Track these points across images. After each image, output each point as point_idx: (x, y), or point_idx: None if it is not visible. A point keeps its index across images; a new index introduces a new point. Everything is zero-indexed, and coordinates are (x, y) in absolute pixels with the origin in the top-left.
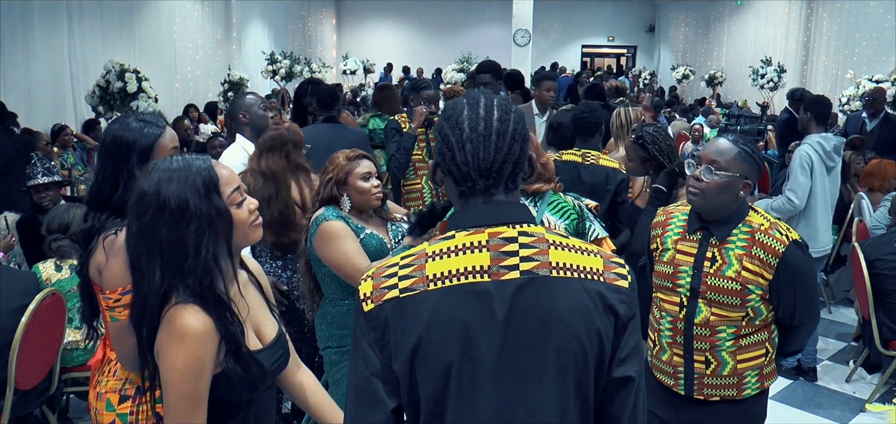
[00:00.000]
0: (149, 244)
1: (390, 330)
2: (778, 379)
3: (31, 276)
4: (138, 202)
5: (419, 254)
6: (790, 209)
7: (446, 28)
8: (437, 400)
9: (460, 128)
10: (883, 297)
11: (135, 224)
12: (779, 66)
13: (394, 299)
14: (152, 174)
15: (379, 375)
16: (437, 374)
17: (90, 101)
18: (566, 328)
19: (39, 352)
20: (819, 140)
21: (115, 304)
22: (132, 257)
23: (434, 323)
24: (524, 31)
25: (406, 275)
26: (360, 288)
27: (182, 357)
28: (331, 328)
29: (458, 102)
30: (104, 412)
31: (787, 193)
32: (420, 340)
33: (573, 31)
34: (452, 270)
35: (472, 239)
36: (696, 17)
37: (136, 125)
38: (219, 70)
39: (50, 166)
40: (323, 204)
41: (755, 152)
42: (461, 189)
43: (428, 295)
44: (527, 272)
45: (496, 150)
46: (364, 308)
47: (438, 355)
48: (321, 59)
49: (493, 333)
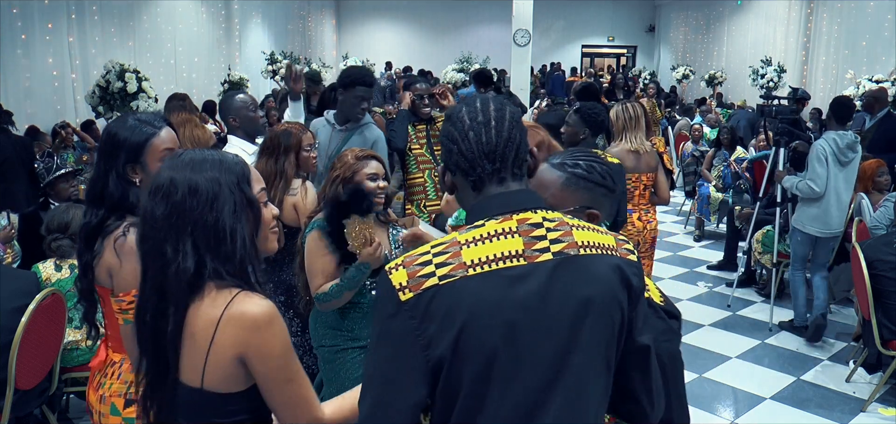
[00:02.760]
0: (179, 227)
1: (432, 317)
2: (778, 379)
3: (31, 276)
4: (164, 187)
5: (451, 243)
6: (811, 194)
7: (446, 28)
8: (480, 383)
9: (462, 121)
10: (882, 297)
11: (161, 207)
12: (779, 66)
13: (434, 286)
14: (177, 163)
15: (411, 365)
16: (482, 357)
17: (90, 101)
18: (598, 303)
19: (39, 352)
20: (834, 137)
21: (130, 306)
22: (152, 243)
23: (477, 308)
24: (524, 31)
25: (442, 262)
26: (393, 277)
27: (278, 340)
28: (325, 328)
29: (456, 105)
30: (109, 415)
31: (808, 181)
32: (464, 325)
33: (573, 31)
34: (490, 256)
35: (503, 226)
36: (696, 17)
37: (132, 124)
38: (219, 70)
39: (57, 162)
40: (329, 203)
41: (593, 173)
42: (472, 179)
43: (469, 280)
44: (558, 252)
45: (497, 134)
46: (401, 297)
47: (482, 338)
48: (321, 59)
49: (533, 314)
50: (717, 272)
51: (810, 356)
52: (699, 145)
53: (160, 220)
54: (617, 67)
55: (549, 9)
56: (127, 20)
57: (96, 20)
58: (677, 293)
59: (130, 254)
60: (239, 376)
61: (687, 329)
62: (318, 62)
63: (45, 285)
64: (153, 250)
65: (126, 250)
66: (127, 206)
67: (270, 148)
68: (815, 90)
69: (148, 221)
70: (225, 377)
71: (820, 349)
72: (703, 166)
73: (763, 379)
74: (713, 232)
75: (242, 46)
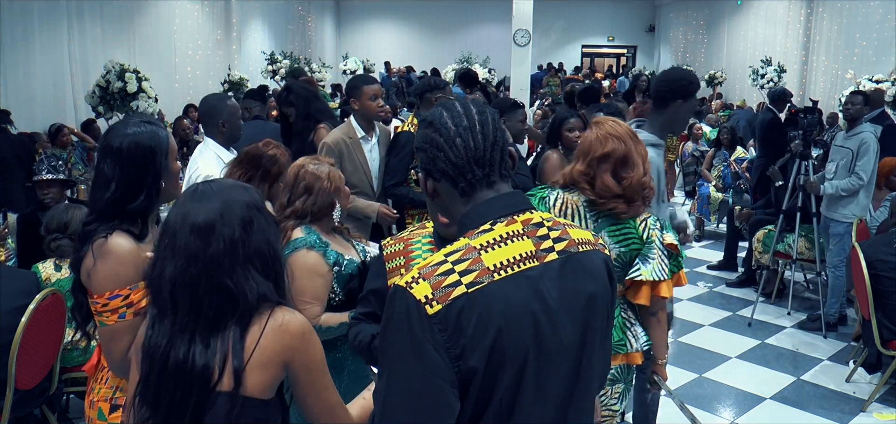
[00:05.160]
0: (243, 258)
1: (464, 327)
2: (778, 379)
3: (31, 276)
4: (215, 225)
5: (466, 249)
6: (859, 186)
7: (446, 28)
8: (512, 389)
9: (447, 128)
10: (883, 297)
11: (216, 245)
12: (779, 66)
13: (463, 295)
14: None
15: (444, 380)
16: (516, 362)
17: (90, 101)
18: (599, 297)
19: (39, 352)
20: (873, 129)
21: (103, 308)
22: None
23: (510, 312)
24: (524, 31)
25: (465, 269)
26: (414, 291)
27: (320, 349)
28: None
29: (435, 111)
30: (97, 420)
31: (859, 171)
32: (500, 330)
33: (573, 31)
34: (510, 258)
35: (510, 228)
36: (696, 17)
37: (149, 128)
38: (219, 70)
39: (56, 164)
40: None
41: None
42: (462, 186)
43: (497, 285)
44: (562, 251)
45: (484, 138)
46: (428, 311)
47: (517, 342)
48: (321, 59)
49: (551, 314)
50: (717, 272)
51: (810, 356)
52: (699, 145)
53: (220, 257)
54: (617, 66)
55: (549, 9)
56: (127, 20)
57: (96, 20)
58: (677, 293)
59: (105, 255)
60: (275, 382)
61: (687, 329)
62: (317, 62)
63: (45, 285)
64: (214, 287)
65: (102, 251)
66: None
67: (250, 166)
68: (815, 90)
69: (201, 260)
70: (268, 380)
71: (820, 349)
72: (703, 165)
73: (763, 379)
74: (713, 232)
75: (242, 46)
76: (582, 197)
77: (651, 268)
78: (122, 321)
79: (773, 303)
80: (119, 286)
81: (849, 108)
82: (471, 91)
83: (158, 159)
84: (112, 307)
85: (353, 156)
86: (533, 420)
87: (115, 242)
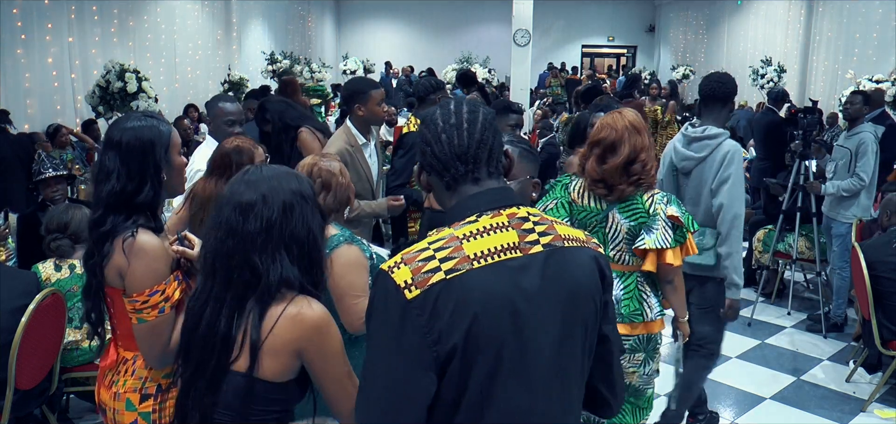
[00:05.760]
0: (277, 240)
1: (440, 312)
2: (778, 378)
3: (31, 276)
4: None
5: (449, 238)
6: (860, 187)
7: (446, 28)
8: (490, 375)
9: (435, 124)
10: (883, 297)
11: (254, 223)
12: (779, 66)
13: (441, 281)
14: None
15: (421, 363)
16: (493, 348)
17: (90, 101)
18: (584, 291)
19: (39, 352)
20: (874, 128)
21: (144, 305)
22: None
23: (487, 298)
24: (524, 31)
25: (445, 257)
26: (395, 276)
27: (337, 337)
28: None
29: (432, 109)
30: (124, 411)
31: (860, 173)
32: (475, 316)
33: (573, 31)
34: (491, 248)
35: (495, 220)
36: (696, 17)
37: (150, 122)
38: (219, 70)
39: (57, 163)
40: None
41: (533, 150)
42: (446, 180)
43: (476, 273)
44: (547, 244)
45: (469, 136)
46: (407, 296)
47: (493, 328)
48: (321, 59)
49: (532, 304)
50: None
51: (810, 356)
52: None
53: (254, 234)
54: (617, 66)
55: (549, 9)
56: (127, 20)
57: (96, 20)
58: None
59: (138, 254)
60: (291, 368)
61: None
62: (317, 62)
63: (45, 285)
64: (244, 262)
65: (135, 251)
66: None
67: (220, 167)
68: (815, 90)
69: (239, 235)
70: (281, 367)
71: (820, 350)
72: None
73: (763, 379)
74: None
75: (242, 46)
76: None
77: (654, 237)
78: (162, 315)
79: (773, 303)
80: (156, 281)
81: (848, 108)
82: (468, 91)
83: (158, 152)
84: (152, 303)
85: (356, 163)
86: (513, 408)
87: (144, 240)
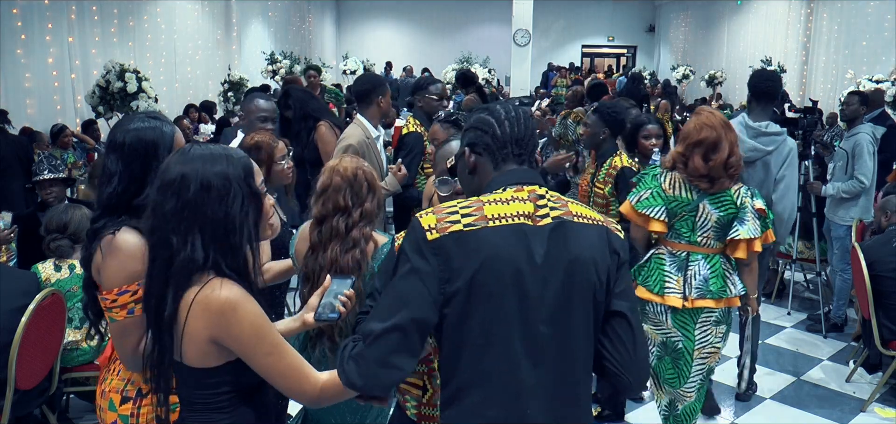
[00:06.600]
0: (190, 221)
1: (452, 257)
2: (778, 379)
3: (31, 276)
4: (176, 182)
5: (475, 202)
6: (859, 189)
7: (446, 28)
8: (490, 321)
9: (497, 113)
10: (883, 297)
11: (172, 201)
12: (779, 66)
13: (457, 231)
14: (187, 159)
15: (429, 293)
16: (492, 296)
17: (90, 101)
18: (585, 261)
19: (39, 352)
20: (873, 129)
21: (112, 304)
22: (161, 234)
23: (494, 252)
24: (524, 31)
25: (467, 214)
26: (423, 220)
27: (248, 319)
28: None
29: (484, 106)
30: (107, 410)
31: (859, 176)
32: (481, 264)
33: (573, 31)
34: (507, 213)
35: (517, 193)
36: (696, 17)
37: (154, 123)
38: (219, 70)
39: (56, 164)
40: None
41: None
42: (496, 159)
43: (489, 231)
44: (556, 217)
45: (525, 127)
46: (428, 237)
47: (495, 278)
48: (321, 59)
49: (537, 267)
50: None
51: (810, 356)
52: None
53: (170, 214)
54: (617, 66)
55: (549, 9)
56: (127, 20)
57: (96, 20)
58: None
59: (113, 252)
60: (213, 353)
61: None
62: (317, 62)
63: (45, 285)
64: (161, 241)
65: (111, 248)
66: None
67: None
68: (815, 91)
69: (158, 214)
70: (201, 354)
71: (820, 350)
72: None
73: (763, 379)
74: None
75: (242, 46)
76: (683, 175)
77: (747, 228)
78: (130, 316)
79: (773, 303)
80: (127, 281)
81: (845, 109)
82: (467, 92)
83: (161, 154)
84: (121, 302)
85: (372, 156)
86: (511, 356)
87: (122, 238)
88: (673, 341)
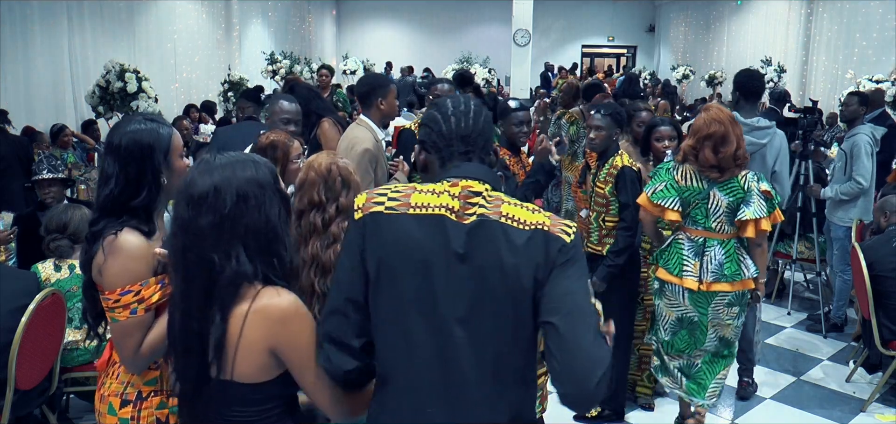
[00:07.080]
0: (231, 234)
1: (368, 236)
2: (778, 379)
3: (31, 276)
4: (209, 196)
5: (410, 187)
6: (858, 191)
7: (446, 28)
8: (397, 302)
9: (444, 109)
10: (883, 297)
11: (208, 217)
12: (779, 66)
13: (377, 212)
14: (214, 169)
15: (355, 268)
16: (396, 282)
17: (90, 101)
18: (506, 268)
19: (39, 352)
20: (872, 130)
21: (115, 305)
22: (198, 252)
23: (402, 239)
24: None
25: (394, 198)
26: (356, 201)
27: (309, 326)
28: None
29: (439, 99)
30: (106, 415)
31: (857, 178)
32: (391, 247)
33: (573, 31)
34: (431, 204)
35: (450, 188)
36: (696, 17)
37: (150, 125)
38: (219, 70)
39: (56, 164)
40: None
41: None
42: (442, 156)
43: (408, 217)
44: (480, 215)
45: (473, 123)
46: (355, 216)
47: (401, 264)
48: (321, 59)
49: (449, 262)
50: None
51: (810, 356)
52: None
53: (207, 229)
54: (617, 66)
55: (549, 9)
56: (126, 20)
57: (96, 20)
58: None
59: (116, 252)
60: (269, 366)
61: None
62: (317, 62)
63: (45, 285)
64: (198, 259)
65: (113, 249)
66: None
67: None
68: (815, 90)
69: (191, 231)
70: (257, 367)
71: (820, 350)
72: None
73: (763, 379)
74: None
75: (242, 46)
76: (694, 166)
77: (753, 209)
78: (133, 316)
79: (773, 303)
80: (130, 281)
81: (844, 110)
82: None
83: (157, 156)
84: (123, 303)
85: (380, 158)
86: (420, 342)
87: (124, 238)
88: (689, 316)
